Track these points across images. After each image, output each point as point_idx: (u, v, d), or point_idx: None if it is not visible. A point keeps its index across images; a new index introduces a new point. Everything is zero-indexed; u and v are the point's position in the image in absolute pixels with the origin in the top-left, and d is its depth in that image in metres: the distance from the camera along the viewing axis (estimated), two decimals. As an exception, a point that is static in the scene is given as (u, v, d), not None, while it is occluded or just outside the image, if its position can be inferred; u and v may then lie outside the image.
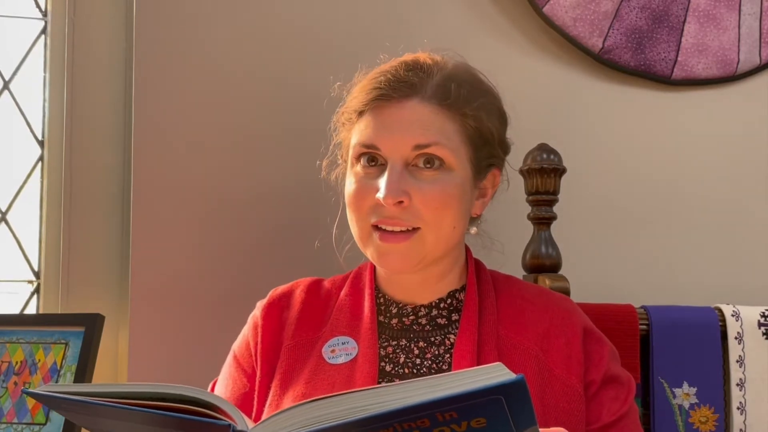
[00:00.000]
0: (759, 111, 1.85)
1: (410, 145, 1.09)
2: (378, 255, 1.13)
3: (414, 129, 1.10)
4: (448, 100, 1.11)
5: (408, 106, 1.11)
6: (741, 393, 1.50)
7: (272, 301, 1.21)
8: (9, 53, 1.68)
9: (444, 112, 1.11)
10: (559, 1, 1.73)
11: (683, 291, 1.75)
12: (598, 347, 1.16)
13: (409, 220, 1.10)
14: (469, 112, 1.12)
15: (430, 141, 1.09)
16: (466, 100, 1.12)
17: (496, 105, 1.18)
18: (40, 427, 1.38)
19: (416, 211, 1.09)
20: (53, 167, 1.65)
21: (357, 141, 1.13)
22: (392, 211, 1.09)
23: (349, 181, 1.15)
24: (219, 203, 1.61)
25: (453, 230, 1.12)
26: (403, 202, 1.09)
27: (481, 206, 1.19)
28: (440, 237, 1.11)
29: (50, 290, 1.64)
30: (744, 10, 1.80)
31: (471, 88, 1.14)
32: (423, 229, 1.10)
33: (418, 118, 1.10)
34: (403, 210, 1.09)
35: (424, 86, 1.11)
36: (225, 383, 1.19)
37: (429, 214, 1.09)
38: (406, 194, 1.09)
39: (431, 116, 1.10)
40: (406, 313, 1.17)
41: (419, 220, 1.10)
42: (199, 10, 1.63)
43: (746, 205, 1.83)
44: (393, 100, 1.11)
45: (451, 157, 1.10)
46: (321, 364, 1.13)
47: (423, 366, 1.13)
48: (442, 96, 1.11)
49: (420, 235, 1.10)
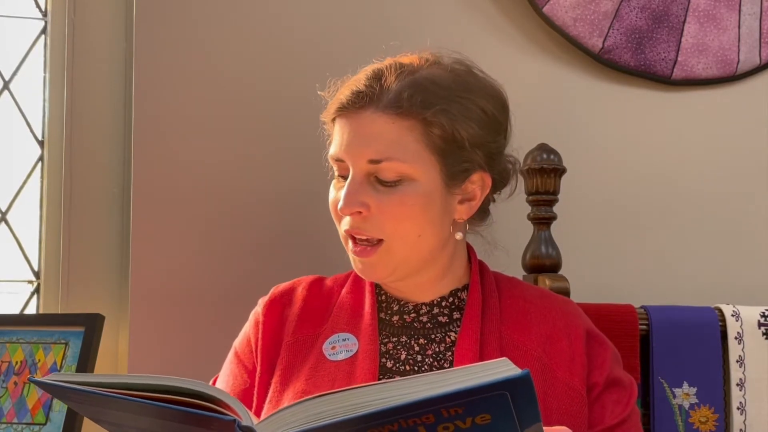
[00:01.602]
0: (759, 111, 1.85)
1: (365, 159, 1.10)
2: (354, 265, 1.16)
3: (368, 143, 1.10)
4: (401, 109, 1.08)
5: (363, 117, 1.11)
6: (741, 393, 1.50)
7: (274, 298, 1.22)
8: (9, 53, 1.68)
9: (400, 121, 1.09)
10: (559, 1, 1.73)
11: (683, 291, 1.75)
12: (600, 350, 1.16)
13: (371, 230, 1.10)
14: (430, 118, 1.08)
15: (382, 156, 1.09)
16: (423, 106, 1.08)
17: (478, 105, 1.12)
18: (40, 427, 1.38)
19: (377, 222, 1.10)
20: (53, 167, 1.65)
21: (330, 153, 1.15)
22: (355, 221, 1.11)
23: (330, 188, 1.17)
24: (219, 203, 1.61)
25: (419, 238, 1.11)
26: (362, 212, 1.10)
27: (467, 210, 1.15)
28: (407, 246, 1.11)
29: (50, 290, 1.63)
30: (744, 10, 1.80)
31: (437, 93, 1.10)
32: (386, 240, 1.11)
33: (372, 130, 1.10)
34: (364, 220, 1.10)
35: (380, 96, 1.10)
36: (226, 379, 1.19)
37: (389, 224, 1.10)
38: (364, 205, 1.10)
39: (385, 127, 1.09)
40: (407, 310, 1.17)
41: (381, 232, 1.10)
42: (199, 11, 1.63)
43: (746, 205, 1.83)
44: (350, 111, 1.12)
45: (408, 170, 1.09)
46: (321, 360, 1.13)
47: (424, 363, 1.13)
48: (395, 105, 1.09)
49: (386, 247, 1.11)
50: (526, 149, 1.48)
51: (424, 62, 1.15)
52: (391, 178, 1.10)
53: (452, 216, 1.15)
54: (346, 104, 1.12)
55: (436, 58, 1.16)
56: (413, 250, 1.12)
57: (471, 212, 1.16)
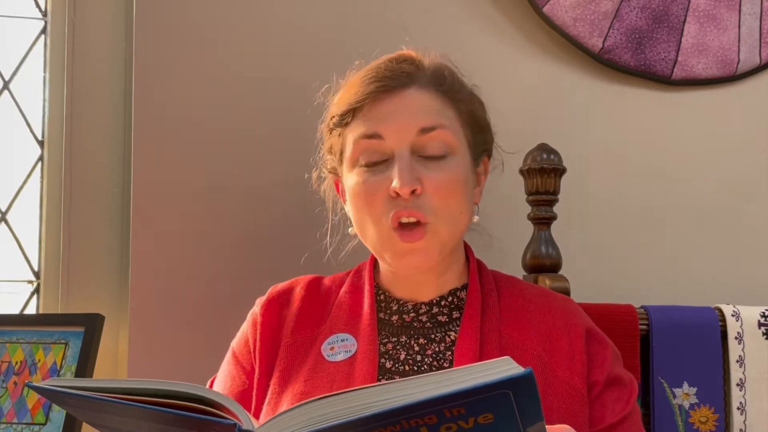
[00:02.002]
0: (759, 111, 1.85)
1: (415, 129, 1.10)
2: (399, 256, 1.12)
3: (417, 114, 1.11)
4: (443, 86, 1.14)
5: (407, 94, 1.13)
6: (741, 393, 1.50)
7: (272, 298, 1.21)
8: (9, 53, 1.68)
9: (441, 98, 1.14)
10: (559, 1, 1.73)
11: (683, 291, 1.75)
12: (600, 348, 1.16)
13: (422, 209, 1.09)
14: (462, 98, 1.16)
15: (435, 124, 1.11)
16: (459, 90, 1.16)
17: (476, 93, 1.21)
18: (40, 427, 1.37)
19: (428, 200, 1.10)
20: (53, 167, 1.65)
21: (358, 134, 1.13)
22: (406, 203, 1.09)
23: (352, 182, 1.14)
24: (219, 203, 1.61)
25: (461, 215, 1.13)
26: (417, 189, 1.09)
27: (479, 194, 1.21)
28: (451, 224, 1.12)
29: (50, 290, 1.64)
30: (744, 10, 1.80)
31: (459, 77, 1.19)
32: (433, 221, 1.10)
33: (420, 103, 1.12)
34: (416, 198, 1.09)
35: (420, 75, 1.14)
36: (224, 380, 1.19)
37: (440, 202, 1.10)
38: (419, 181, 1.10)
39: (431, 101, 1.13)
40: (406, 310, 1.17)
41: (431, 211, 1.10)
42: (198, 11, 1.63)
43: (746, 205, 1.83)
44: (392, 90, 1.13)
45: (454, 141, 1.12)
46: (320, 361, 1.13)
47: (424, 363, 1.12)
48: (438, 82, 1.14)
49: (432, 229, 1.10)
50: (526, 149, 1.48)
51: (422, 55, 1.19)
52: (438, 151, 1.11)
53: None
54: (387, 83, 1.12)
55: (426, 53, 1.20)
56: (455, 230, 1.13)
57: (480, 196, 1.21)
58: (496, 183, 1.29)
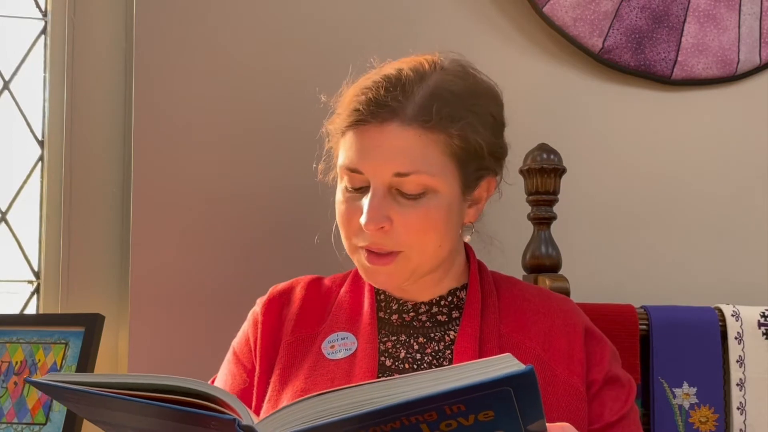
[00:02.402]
0: (759, 111, 1.85)
1: (390, 172, 1.07)
2: (365, 273, 1.13)
3: (394, 156, 1.07)
4: (429, 123, 1.06)
5: (388, 131, 1.07)
6: (741, 393, 1.50)
7: (272, 298, 1.22)
8: (9, 53, 1.68)
9: (426, 135, 1.07)
10: (559, 1, 1.73)
11: (683, 291, 1.75)
12: (599, 348, 1.16)
13: (391, 245, 1.09)
14: (454, 132, 1.07)
15: (410, 170, 1.06)
16: (450, 120, 1.07)
17: (488, 111, 1.13)
18: (40, 427, 1.37)
19: (398, 236, 1.08)
20: (53, 167, 1.65)
21: (342, 162, 1.11)
22: (375, 236, 1.09)
23: (338, 195, 1.14)
24: (219, 203, 1.61)
25: (439, 248, 1.11)
26: (384, 227, 1.08)
27: (475, 213, 1.17)
28: (425, 256, 1.11)
29: (50, 290, 1.64)
30: (744, 10, 1.80)
31: (457, 104, 1.09)
32: (405, 251, 1.09)
33: (398, 144, 1.07)
34: (385, 234, 1.08)
35: (405, 108, 1.07)
36: (224, 378, 1.19)
37: (411, 238, 1.08)
38: (388, 219, 1.08)
39: (412, 141, 1.06)
40: (406, 309, 1.17)
41: (401, 244, 1.09)
42: (198, 11, 1.63)
43: (746, 205, 1.83)
44: (372, 123, 1.08)
45: (433, 182, 1.08)
46: (320, 359, 1.13)
47: (423, 361, 1.13)
48: (424, 118, 1.06)
49: (404, 256, 1.10)
50: (526, 149, 1.48)
51: (430, 66, 1.12)
52: (415, 191, 1.08)
53: (463, 221, 1.16)
54: (366, 117, 1.08)
55: (439, 61, 1.14)
56: (429, 259, 1.12)
57: (478, 215, 1.17)
58: (496, 183, 1.29)
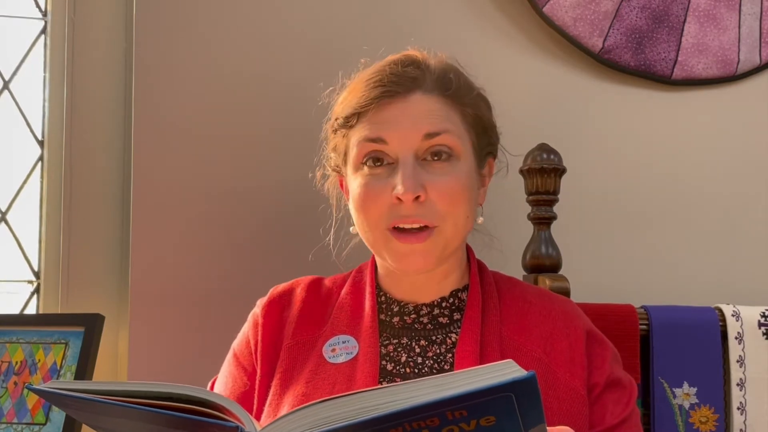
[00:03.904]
0: (759, 111, 1.85)
1: (420, 134, 1.10)
2: (398, 257, 1.12)
3: (422, 119, 1.11)
4: (449, 91, 1.13)
5: (413, 99, 1.12)
6: (741, 393, 1.50)
7: (273, 299, 1.21)
8: (9, 53, 1.68)
9: (446, 102, 1.13)
10: (559, 1, 1.73)
11: (683, 291, 1.75)
12: (600, 350, 1.16)
13: (427, 216, 1.09)
14: (468, 101, 1.15)
15: (440, 129, 1.11)
16: (467, 90, 1.15)
17: (483, 94, 1.20)
18: (40, 427, 1.38)
19: (432, 206, 1.09)
20: (53, 167, 1.65)
21: (362, 137, 1.12)
22: (410, 209, 1.09)
23: (355, 185, 1.13)
24: (219, 203, 1.61)
25: (467, 220, 1.13)
26: (420, 196, 1.09)
27: (483, 195, 1.20)
28: (457, 229, 1.12)
29: (50, 290, 1.64)
30: (744, 10, 1.80)
31: (465, 79, 1.18)
32: (440, 226, 1.10)
33: (424, 108, 1.11)
34: (420, 205, 1.09)
35: (425, 79, 1.13)
36: (225, 381, 1.19)
37: (445, 207, 1.10)
38: (423, 188, 1.09)
39: (436, 105, 1.12)
40: (407, 311, 1.16)
41: (436, 217, 1.09)
42: (198, 11, 1.63)
43: (746, 205, 1.83)
44: (397, 95, 1.12)
45: (459, 145, 1.12)
46: (321, 363, 1.13)
47: (425, 365, 1.12)
48: (444, 87, 1.13)
49: (438, 231, 1.10)
50: (526, 149, 1.48)
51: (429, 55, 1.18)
52: (443, 156, 1.11)
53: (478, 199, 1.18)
54: (392, 88, 1.12)
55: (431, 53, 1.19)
56: (458, 233, 1.13)
57: (484, 197, 1.20)
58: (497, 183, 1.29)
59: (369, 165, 1.12)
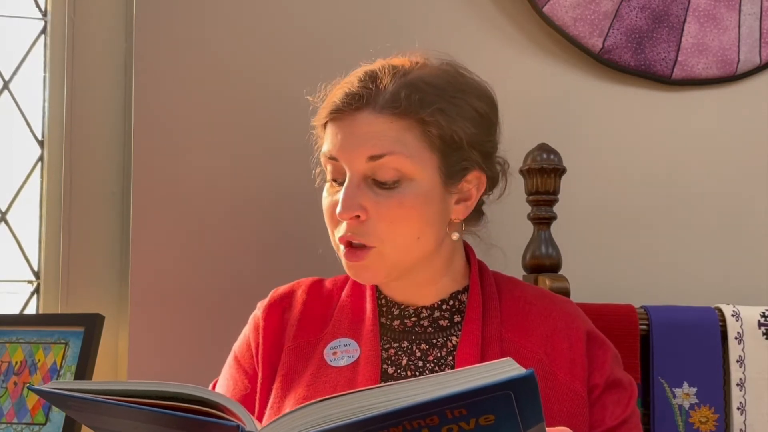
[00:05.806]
0: (759, 111, 1.85)
1: (364, 157, 1.08)
2: (349, 269, 1.14)
3: (366, 140, 1.09)
4: (399, 108, 1.08)
5: (360, 118, 1.10)
6: (741, 393, 1.50)
7: (273, 302, 1.21)
8: (9, 53, 1.68)
9: (399, 121, 1.09)
10: (559, 1, 1.73)
11: (683, 291, 1.75)
12: (601, 351, 1.16)
13: (364, 235, 1.09)
14: (427, 118, 1.08)
15: (383, 151, 1.08)
16: (420, 105, 1.08)
17: (470, 105, 1.13)
18: (40, 427, 1.38)
19: (373, 226, 1.09)
20: (53, 167, 1.65)
21: (324, 151, 1.14)
22: (350, 227, 1.09)
23: (323, 193, 1.15)
24: (219, 203, 1.61)
25: (417, 241, 1.11)
26: (360, 216, 1.09)
27: (463, 210, 1.15)
28: (400, 250, 1.10)
29: (50, 290, 1.64)
30: (744, 10, 1.80)
31: (431, 93, 1.10)
32: (378, 247, 1.09)
33: (370, 129, 1.09)
34: (361, 224, 1.09)
35: (376, 97, 1.09)
36: (226, 384, 1.19)
37: (384, 229, 1.09)
38: (362, 208, 1.08)
39: (384, 126, 1.09)
40: (407, 314, 1.16)
41: (376, 237, 1.09)
42: (198, 10, 1.63)
43: (746, 205, 1.83)
44: (346, 113, 1.10)
45: (409, 166, 1.09)
46: (323, 366, 1.13)
47: (425, 368, 1.12)
48: (393, 105, 1.08)
49: (377, 252, 1.10)
50: (526, 149, 1.48)
51: (415, 64, 1.15)
52: (390, 177, 1.09)
53: (449, 216, 1.14)
54: (341, 106, 1.11)
55: (425, 60, 1.16)
56: (408, 253, 1.11)
57: (467, 212, 1.16)
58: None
59: (331, 180, 1.13)
